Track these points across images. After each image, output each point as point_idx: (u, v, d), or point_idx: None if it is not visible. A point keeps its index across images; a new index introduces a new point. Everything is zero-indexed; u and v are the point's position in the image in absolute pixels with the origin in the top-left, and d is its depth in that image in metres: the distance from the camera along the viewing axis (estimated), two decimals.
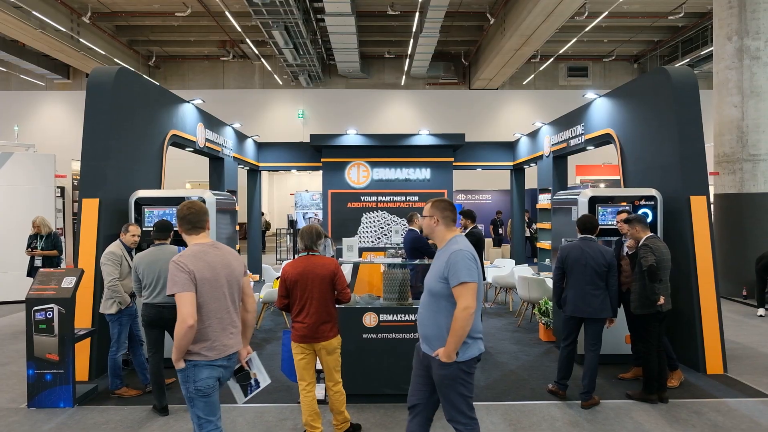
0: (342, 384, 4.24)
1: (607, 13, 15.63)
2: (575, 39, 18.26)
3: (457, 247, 3.15)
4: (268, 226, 22.50)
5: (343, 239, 5.72)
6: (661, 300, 4.95)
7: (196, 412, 3.04)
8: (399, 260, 6.24)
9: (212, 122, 9.87)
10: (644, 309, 5.04)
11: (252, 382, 3.30)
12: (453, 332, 3.03)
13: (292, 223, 19.77)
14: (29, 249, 8.31)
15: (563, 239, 6.43)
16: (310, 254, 4.15)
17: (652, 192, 6.38)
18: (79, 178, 11.20)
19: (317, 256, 4.14)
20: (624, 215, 5.72)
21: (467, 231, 7.19)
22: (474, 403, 3.18)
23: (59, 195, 11.04)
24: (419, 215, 7.47)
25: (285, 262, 10.77)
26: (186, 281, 2.92)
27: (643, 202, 6.35)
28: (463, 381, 3.11)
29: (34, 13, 14.73)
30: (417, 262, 6.48)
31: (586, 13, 15.47)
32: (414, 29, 16.68)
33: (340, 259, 5.57)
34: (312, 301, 3.98)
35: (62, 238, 11.08)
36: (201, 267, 3.00)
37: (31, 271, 8.31)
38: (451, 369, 3.08)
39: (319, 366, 4.30)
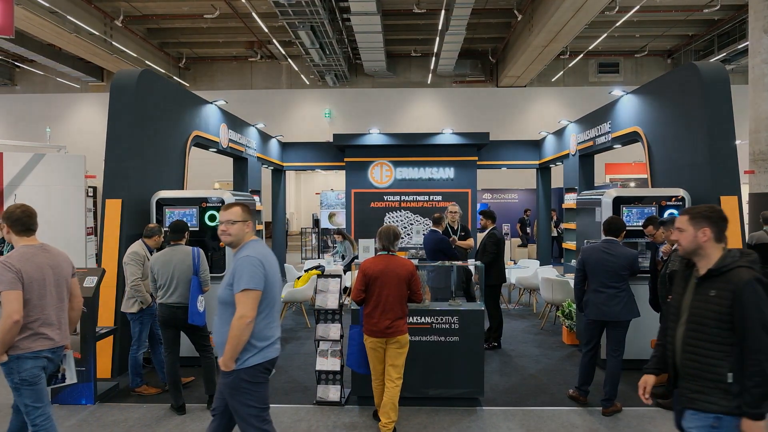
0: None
1: (638, 7, 15.18)
2: (606, 34, 17.78)
3: (245, 252, 3.08)
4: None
5: (360, 240, 5.69)
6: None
7: (24, 400, 3.26)
8: (416, 261, 6.16)
9: (236, 123, 9.97)
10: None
11: (59, 375, 3.58)
12: (228, 341, 2.95)
13: (317, 222, 19.87)
14: None
15: (585, 241, 6.26)
16: (390, 254, 4.42)
17: (680, 192, 6.15)
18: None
19: (396, 257, 4.42)
20: (650, 228, 5.43)
21: (486, 231, 7.00)
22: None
23: (90, 195, 11.30)
24: (444, 215, 7.37)
25: (307, 262, 10.72)
26: (13, 280, 3.15)
27: (671, 202, 6.13)
28: (247, 390, 2.99)
29: (68, 17, 15.16)
30: (438, 263, 6.41)
31: (617, 8, 15.05)
32: (440, 27, 16.51)
33: (356, 261, 5.55)
34: (390, 298, 4.25)
35: (93, 237, 11.36)
36: (28, 268, 3.23)
37: None
38: (232, 377, 2.99)
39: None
